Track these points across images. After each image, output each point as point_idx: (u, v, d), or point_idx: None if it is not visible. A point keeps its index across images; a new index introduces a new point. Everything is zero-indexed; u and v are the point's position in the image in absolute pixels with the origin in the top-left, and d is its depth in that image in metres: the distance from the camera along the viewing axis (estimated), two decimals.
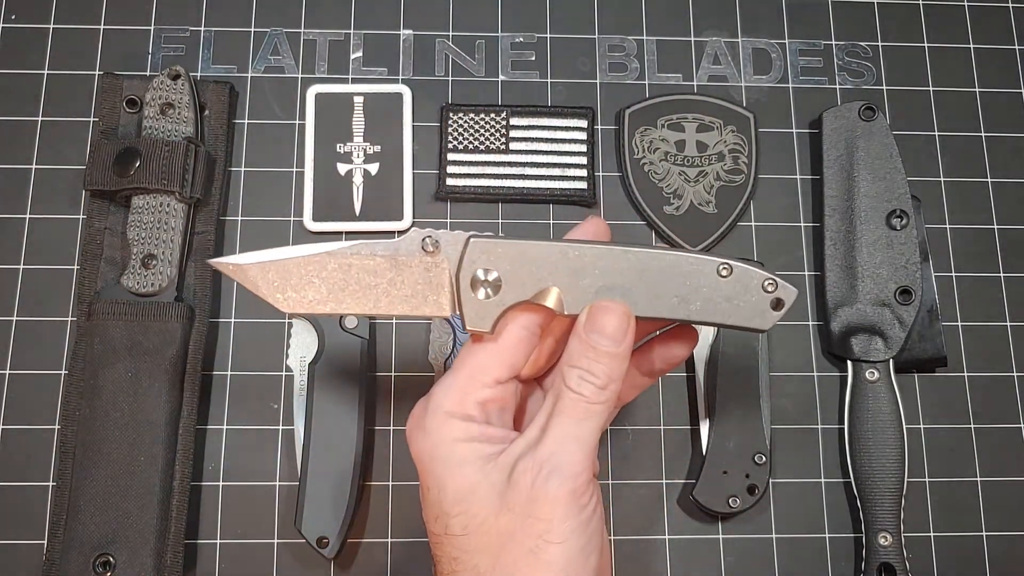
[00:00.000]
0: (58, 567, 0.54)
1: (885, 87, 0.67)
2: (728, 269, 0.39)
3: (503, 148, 0.63)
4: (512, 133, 0.64)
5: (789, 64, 0.67)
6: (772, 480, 0.59)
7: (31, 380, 0.59)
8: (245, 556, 0.57)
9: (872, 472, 0.58)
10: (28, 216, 0.61)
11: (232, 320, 0.60)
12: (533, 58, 0.66)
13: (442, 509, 0.38)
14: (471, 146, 0.63)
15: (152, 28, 0.65)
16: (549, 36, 0.66)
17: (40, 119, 0.63)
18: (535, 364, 0.42)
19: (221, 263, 0.41)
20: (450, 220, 0.62)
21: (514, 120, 0.64)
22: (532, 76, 0.65)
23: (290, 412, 0.58)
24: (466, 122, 0.64)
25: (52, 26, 0.64)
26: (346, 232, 0.62)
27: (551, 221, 0.63)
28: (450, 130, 0.63)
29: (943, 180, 0.65)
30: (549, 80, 0.65)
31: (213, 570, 0.57)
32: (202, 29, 0.65)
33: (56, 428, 0.58)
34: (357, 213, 0.62)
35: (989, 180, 0.65)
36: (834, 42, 0.68)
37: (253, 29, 0.65)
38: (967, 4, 0.69)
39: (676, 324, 0.44)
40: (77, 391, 0.56)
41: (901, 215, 0.61)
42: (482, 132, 0.63)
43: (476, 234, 0.39)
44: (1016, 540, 0.59)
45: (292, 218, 0.62)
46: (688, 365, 0.61)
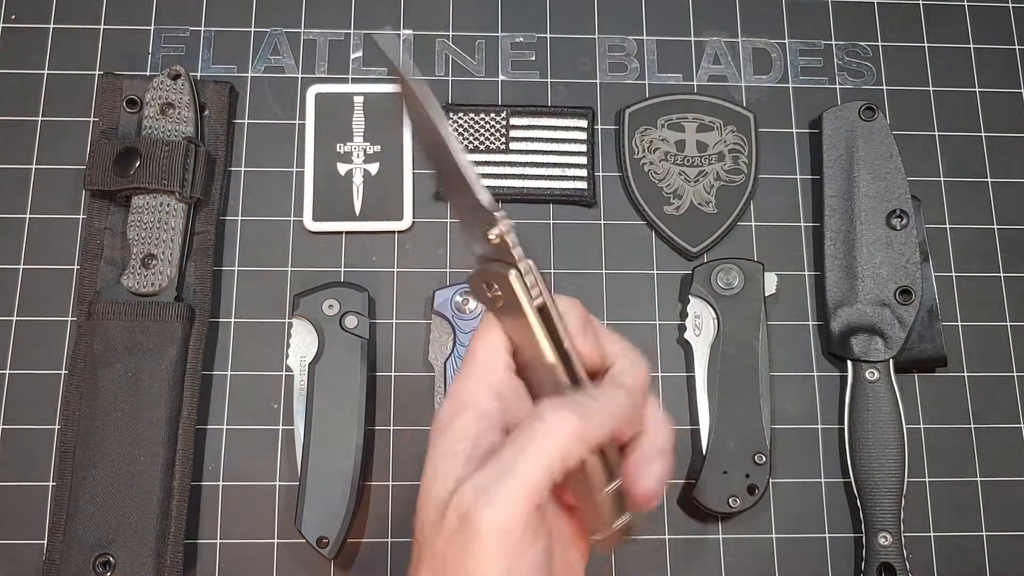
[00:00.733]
0: (58, 567, 0.54)
1: (885, 87, 0.67)
2: None
3: (503, 148, 0.63)
4: (512, 133, 0.64)
5: (789, 64, 0.67)
6: (772, 480, 0.59)
7: (31, 380, 0.59)
8: (245, 556, 0.57)
9: (872, 472, 0.58)
10: (28, 216, 0.61)
11: (232, 320, 0.60)
12: (533, 58, 0.66)
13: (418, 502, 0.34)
14: (471, 146, 0.63)
15: (152, 28, 0.65)
16: (549, 36, 0.66)
17: (40, 119, 0.63)
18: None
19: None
20: (450, 220, 0.62)
21: (514, 120, 0.64)
22: (532, 76, 0.65)
23: (290, 412, 0.58)
24: (466, 122, 0.64)
25: (52, 26, 0.64)
26: (346, 232, 0.62)
27: (551, 221, 0.63)
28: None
29: (943, 180, 0.65)
30: (549, 80, 0.65)
31: (213, 570, 0.57)
32: (202, 29, 0.65)
33: (56, 428, 0.58)
34: (357, 213, 0.62)
35: (989, 180, 0.65)
36: (834, 42, 0.68)
37: (253, 29, 0.65)
38: (967, 4, 0.69)
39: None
40: (77, 391, 0.56)
41: (901, 215, 0.61)
42: (482, 132, 0.63)
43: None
44: (1016, 540, 0.59)
45: (292, 218, 0.62)
46: (688, 365, 0.61)
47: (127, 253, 0.59)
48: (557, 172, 0.63)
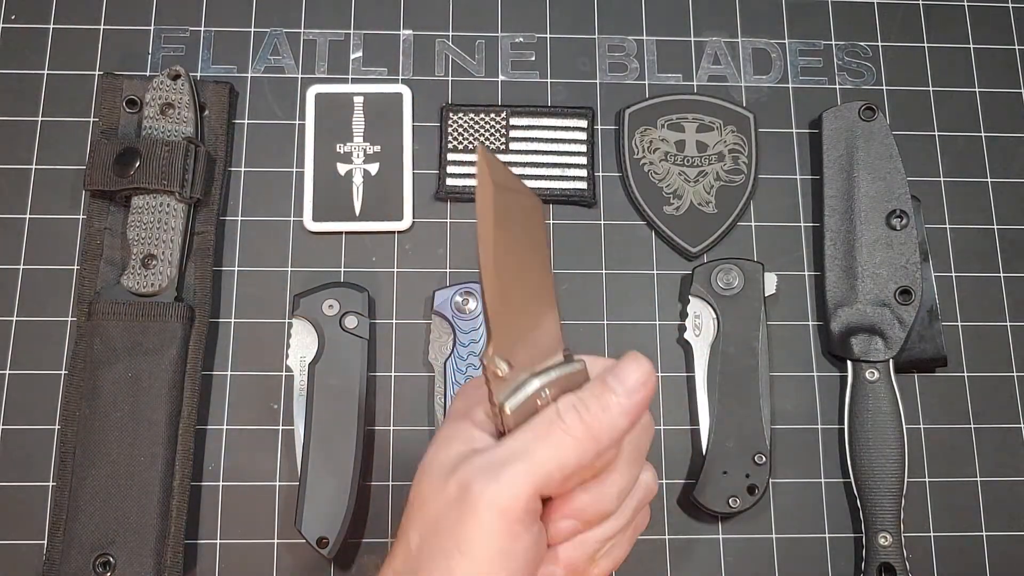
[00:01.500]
0: (58, 567, 0.54)
1: (885, 87, 0.67)
2: None
3: (503, 148, 0.63)
4: (512, 133, 0.64)
5: (789, 64, 0.67)
6: (772, 480, 0.59)
7: (31, 380, 0.59)
8: (245, 556, 0.57)
9: (872, 472, 0.58)
10: (28, 216, 0.61)
11: (232, 320, 0.60)
12: (533, 58, 0.66)
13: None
14: (471, 146, 0.63)
15: (152, 28, 0.65)
16: (549, 36, 0.66)
17: (40, 119, 0.63)
18: None
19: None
20: (450, 220, 0.62)
21: (514, 120, 0.64)
22: (532, 76, 0.65)
23: (290, 412, 0.58)
24: (466, 122, 0.64)
25: (52, 26, 0.64)
26: (346, 232, 0.62)
27: (551, 221, 0.63)
28: (450, 130, 0.63)
29: (943, 180, 0.65)
30: (549, 80, 0.65)
31: (213, 570, 0.57)
32: (202, 29, 0.65)
33: (56, 428, 0.58)
34: (357, 213, 0.62)
35: (989, 180, 0.65)
36: (834, 42, 0.68)
37: (253, 29, 0.65)
38: (967, 4, 0.69)
39: None
40: (77, 391, 0.56)
41: (901, 215, 0.61)
42: (482, 132, 0.63)
43: None
44: (1016, 540, 0.59)
45: (292, 218, 0.62)
46: (688, 365, 0.61)
47: (127, 253, 0.59)
48: (557, 172, 0.63)
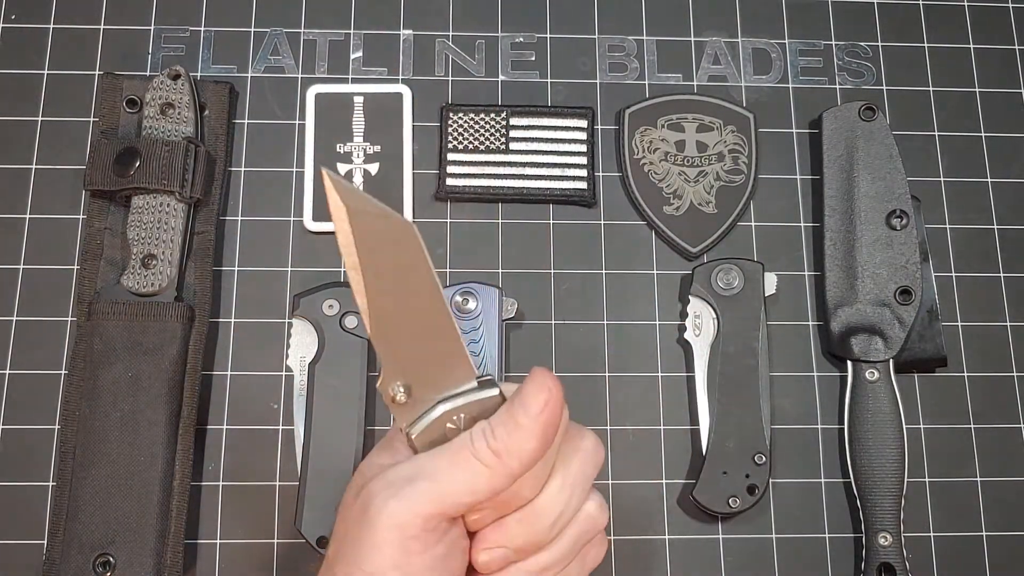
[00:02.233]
0: (58, 567, 0.54)
1: (885, 87, 0.67)
2: None
3: (503, 148, 0.63)
4: (512, 133, 0.64)
5: (789, 64, 0.67)
6: (772, 480, 0.59)
7: (31, 380, 0.59)
8: (245, 556, 0.57)
9: (872, 472, 0.58)
10: (28, 216, 0.61)
11: (232, 320, 0.60)
12: (533, 58, 0.66)
13: None
14: (471, 146, 0.63)
15: (152, 28, 0.65)
16: (549, 36, 0.66)
17: (40, 119, 0.63)
18: None
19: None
20: (450, 220, 0.62)
21: (514, 120, 0.64)
22: (532, 76, 0.65)
23: (290, 412, 0.58)
24: (466, 122, 0.64)
25: (52, 26, 0.64)
26: None
27: (551, 221, 0.63)
28: (450, 130, 0.63)
29: (943, 180, 0.65)
30: (549, 80, 0.65)
31: (213, 570, 0.57)
32: (202, 29, 0.65)
33: (56, 428, 0.58)
34: None
35: (989, 180, 0.65)
36: (834, 42, 0.68)
37: (253, 29, 0.65)
38: (967, 4, 0.69)
39: None
40: (77, 391, 0.56)
41: (901, 215, 0.61)
42: (482, 132, 0.63)
43: None
44: (1016, 540, 0.59)
45: (292, 218, 0.62)
46: (688, 365, 0.61)
47: (127, 253, 0.59)
48: (557, 172, 0.63)
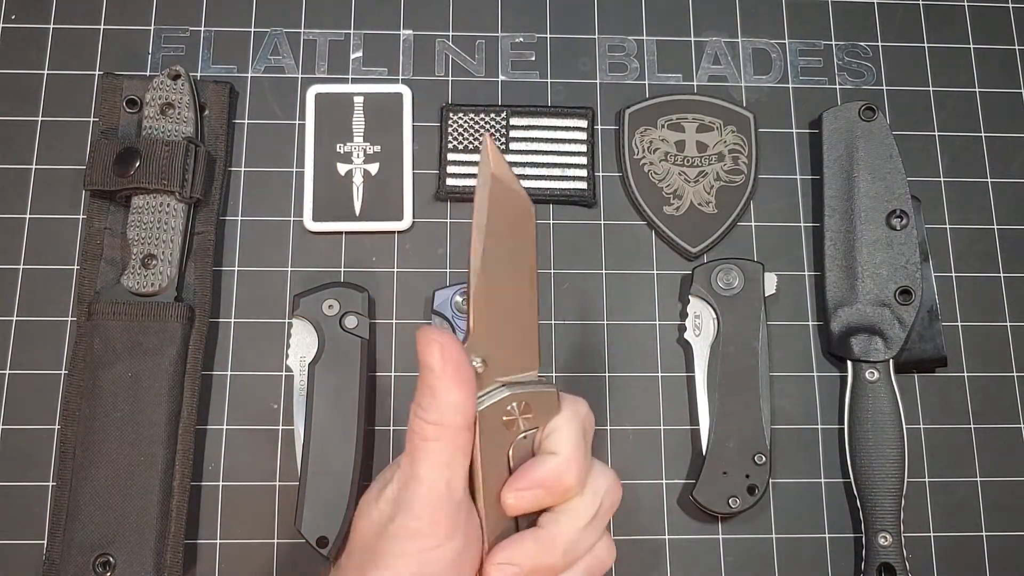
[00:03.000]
0: (58, 567, 0.54)
1: (885, 87, 0.67)
2: None
3: (503, 148, 0.63)
4: (512, 133, 0.64)
5: (789, 64, 0.67)
6: (772, 480, 0.59)
7: (31, 380, 0.59)
8: (245, 556, 0.57)
9: (872, 472, 0.58)
10: (28, 216, 0.61)
11: (232, 320, 0.60)
12: (533, 58, 0.66)
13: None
14: (471, 146, 0.63)
15: (152, 28, 0.65)
16: (549, 36, 0.66)
17: (40, 119, 0.63)
18: None
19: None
20: (450, 220, 0.62)
21: (514, 120, 0.64)
22: (532, 76, 0.65)
23: (290, 412, 0.58)
24: (466, 122, 0.64)
25: (52, 26, 0.64)
26: (346, 232, 0.62)
27: (551, 221, 0.63)
28: (450, 130, 0.63)
29: (943, 180, 0.65)
30: (549, 80, 0.65)
31: (213, 570, 0.57)
32: (202, 29, 0.65)
33: (56, 428, 0.58)
34: (357, 213, 0.62)
35: (989, 180, 0.65)
36: (834, 42, 0.68)
37: (253, 29, 0.65)
38: (967, 4, 0.69)
39: None
40: (77, 391, 0.56)
41: (901, 215, 0.61)
42: (482, 132, 0.63)
43: None
44: (1016, 540, 0.59)
45: (292, 218, 0.62)
46: (688, 365, 0.61)
47: (127, 253, 0.59)
48: (557, 172, 0.63)
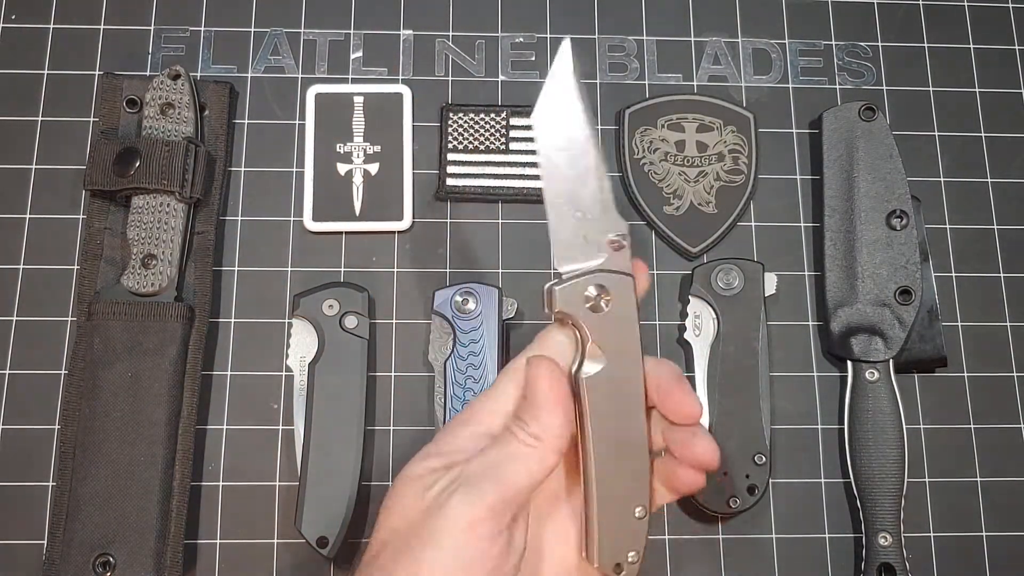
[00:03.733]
0: (58, 567, 0.54)
1: (885, 87, 0.67)
2: None
3: (503, 148, 0.63)
4: (512, 133, 0.64)
5: (789, 64, 0.67)
6: (772, 480, 0.59)
7: (31, 380, 0.59)
8: (245, 556, 0.57)
9: (872, 472, 0.58)
10: (28, 216, 0.61)
11: (232, 320, 0.60)
12: (533, 58, 0.66)
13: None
14: (471, 146, 0.63)
15: (152, 28, 0.65)
16: (549, 36, 0.66)
17: (40, 119, 0.63)
18: None
19: None
20: (450, 220, 0.62)
21: (514, 120, 0.64)
22: (532, 76, 0.65)
23: (290, 412, 0.58)
24: (466, 122, 0.64)
25: (52, 26, 0.64)
26: (346, 232, 0.62)
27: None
28: (450, 130, 0.63)
29: (943, 180, 0.65)
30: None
31: (213, 570, 0.57)
32: (202, 29, 0.65)
33: (56, 428, 0.58)
34: (357, 213, 0.62)
35: (989, 180, 0.65)
36: (834, 42, 0.68)
37: (253, 29, 0.65)
38: (967, 4, 0.69)
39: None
40: (77, 391, 0.56)
41: (901, 215, 0.61)
42: (482, 132, 0.63)
43: None
44: (1016, 540, 0.59)
45: (292, 218, 0.62)
46: (688, 365, 0.61)
47: (127, 253, 0.59)
48: None
